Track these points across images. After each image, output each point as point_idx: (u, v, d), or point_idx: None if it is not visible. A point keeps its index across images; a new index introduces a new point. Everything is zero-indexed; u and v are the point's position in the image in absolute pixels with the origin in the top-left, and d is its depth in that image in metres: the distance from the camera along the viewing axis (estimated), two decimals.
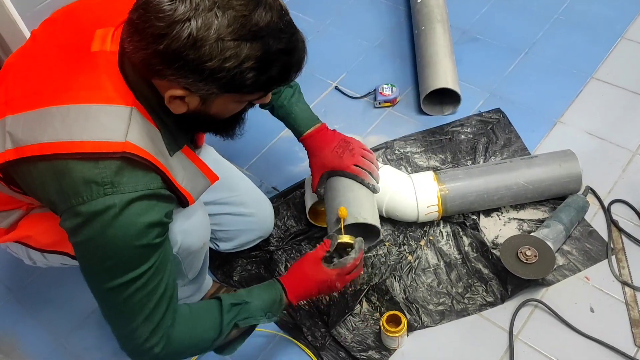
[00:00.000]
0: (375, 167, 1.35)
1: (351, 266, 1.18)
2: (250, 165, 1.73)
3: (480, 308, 1.36)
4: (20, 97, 0.91)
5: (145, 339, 0.94)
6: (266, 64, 0.84)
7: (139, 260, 0.89)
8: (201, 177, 1.02)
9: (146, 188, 0.87)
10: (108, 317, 0.96)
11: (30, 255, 1.17)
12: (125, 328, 0.94)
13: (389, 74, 1.90)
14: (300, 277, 1.15)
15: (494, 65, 1.88)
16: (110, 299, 0.92)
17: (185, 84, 0.84)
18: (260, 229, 1.44)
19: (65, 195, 0.85)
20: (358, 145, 1.34)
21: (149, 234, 0.88)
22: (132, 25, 0.83)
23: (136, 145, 0.86)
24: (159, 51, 0.80)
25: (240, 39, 0.81)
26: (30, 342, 1.42)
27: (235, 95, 0.89)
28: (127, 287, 0.90)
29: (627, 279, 1.37)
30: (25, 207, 1.09)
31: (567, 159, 1.47)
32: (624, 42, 1.89)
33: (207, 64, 0.80)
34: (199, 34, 0.79)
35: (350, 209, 1.28)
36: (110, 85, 0.87)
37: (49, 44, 0.95)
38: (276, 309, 1.12)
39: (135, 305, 0.92)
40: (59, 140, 0.84)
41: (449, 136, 1.69)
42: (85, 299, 1.48)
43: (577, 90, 1.77)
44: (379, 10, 2.13)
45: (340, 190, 1.32)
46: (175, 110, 0.90)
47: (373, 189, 1.34)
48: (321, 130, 1.34)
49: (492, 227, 1.49)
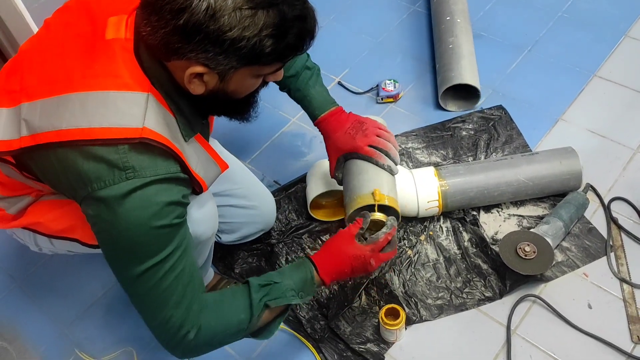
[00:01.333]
0: (392, 147, 1.31)
1: (384, 240, 1.15)
2: (252, 159, 1.74)
3: (478, 303, 1.37)
4: (36, 85, 0.92)
5: (179, 326, 0.95)
6: (283, 31, 0.86)
7: (162, 243, 0.91)
8: (213, 165, 1.04)
9: (167, 172, 0.89)
10: (140, 307, 0.97)
11: (37, 241, 1.18)
12: (158, 317, 0.95)
13: (392, 70, 1.90)
14: (333, 254, 1.12)
15: (497, 62, 1.88)
16: (140, 286, 0.93)
17: (205, 59, 0.85)
18: (262, 221, 1.45)
19: (86, 181, 0.86)
20: (372, 125, 1.31)
21: (170, 214, 0.90)
22: (149, 6, 0.85)
23: (153, 130, 0.88)
24: (178, 26, 0.82)
25: (257, 7, 0.82)
26: (33, 331, 1.44)
27: (253, 68, 0.90)
28: (155, 271, 0.91)
29: (626, 276, 1.37)
30: (35, 193, 1.10)
31: (567, 156, 1.47)
32: (628, 41, 1.89)
33: (227, 34, 0.82)
34: (217, 4, 0.81)
35: (363, 191, 1.25)
36: (126, 72, 0.89)
37: (63, 32, 0.96)
38: (309, 288, 1.09)
39: (164, 291, 0.93)
40: (78, 126, 0.86)
41: (451, 132, 1.70)
42: (88, 288, 1.50)
43: (580, 88, 1.78)
44: (382, 6, 2.14)
45: (355, 173, 1.29)
46: (194, 90, 0.91)
47: (390, 169, 1.30)
48: (336, 113, 1.33)
49: (492, 223, 1.50)
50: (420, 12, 2.10)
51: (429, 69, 1.90)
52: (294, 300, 1.05)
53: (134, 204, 0.86)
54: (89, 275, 1.51)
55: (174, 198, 0.91)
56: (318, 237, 1.52)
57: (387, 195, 1.27)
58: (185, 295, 0.95)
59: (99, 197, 0.86)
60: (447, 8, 1.91)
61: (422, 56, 1.95)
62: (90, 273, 1.52)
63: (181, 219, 0.94)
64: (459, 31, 1.83)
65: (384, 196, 1.26)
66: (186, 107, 0.96)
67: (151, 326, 0.97)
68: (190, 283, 0.95)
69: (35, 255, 1.46)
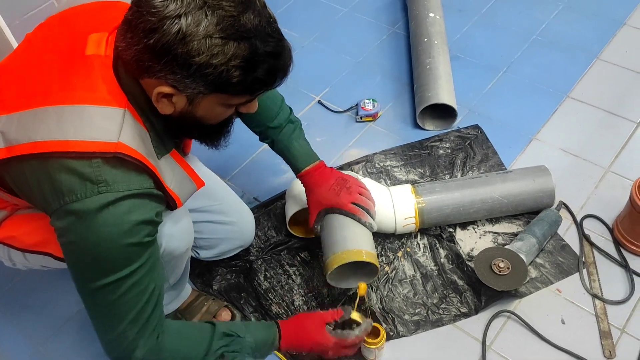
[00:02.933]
0: (372, 205, 1.36)
1: (351, 342, 1.21)
2: (232, 175, 1.75)
3: (454, 318, 1.38)
4: (14, 98, 0.93)
5: (131, 340, 0.96)
6: (252, 64, 0.87)
7: (130, 259, 0.91)
8: (188, 182, 1.04)
9: (139, 187, 0.90)
10: (95, 320, 0.97)
11: (11, 256, 1.18)
12: (113, 331, 0.95)
13: (371, 90, 1.94)
14: (299, 330, 1.18)
15: (474, 82, 1.93)
16: (99, 299, 0.93)
17: (173, 81, 0.86)
18: (241, 238, 1.46)
19: (58, 194, 0.87)
20: (355, 183, 1.36)
21: (140, 232, 0.90)
22: (126, 23, 0.87)
23: (128, 146, 0.88)
24: (149, 45, 0.83)
25: (228, 37, 0.84)
26: (7, 348, 1.42)
27: (221, 96, 0.91)
28: (117, 286, 0.91)
29: (598, 292, 1.40)
30: (10, 207, 1.10)
31: (540, 174, 1.51)
32: (600, 63, 1.95)
33: (194, 58, 0.83)
34: (188, 29, 0.82)
35: (347, 246, 1.30)
36: (104, 88, 0.89)
37: (44, 47, 0.97)
38: (266, 351, 1.15)
39: (123, 306, 0.93)
40: (52, 139, 0.86)
41: (428, 151, 1.73)
42: (63, 305, 1.49)
43: (553, 108, 1.82)
44: (363, 27, 2.18)
45: (337, 228, 1.33)
46: (162, 110, 0.92)
47: (370, 227, 1.35)
48: (319, 167, 1.35)
49: (468, 240, 1.52)
50: (399, 33, 2.14)
51: (407, 88, 1.94)
52: (247, 358, 1.10)
53: (105, 219, 0.87)
54: (64, 291, 1.50)
55: (147, 216, 0.91)
56: (297, 254, 1.53)
57: (370, 252, 1.31)
58: (144, 311, 0.95)
59: (69, 210, 0.86)
60: (425, 30, 1.95)
61: (400, 76, 1.98)
62: (65, 289, 1.50)
63: (152, 237, 0.94)
64: (437, 52, 1.87)
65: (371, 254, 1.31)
66: (159, 125, 0.97)
67: (103, 339, 0.98)
68: (151, 299, 0.96)
69: (10, 271, 1.45)
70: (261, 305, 1.44)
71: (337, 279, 1.35)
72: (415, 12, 2.04)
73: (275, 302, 1.44)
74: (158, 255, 0.98)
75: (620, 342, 1.32)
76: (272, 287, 1.47)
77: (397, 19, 2.19)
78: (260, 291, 1.46)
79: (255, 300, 1.45)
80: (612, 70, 1.92)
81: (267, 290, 1.47)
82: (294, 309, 1.43)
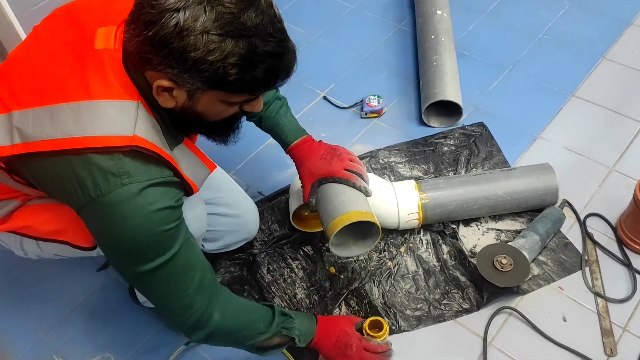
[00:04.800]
0: (364, 170, 1.36)
1: (374, 346, 1.25)
2: (237, 169, 1.76)
3: (456, 314, 1.39)
4: (26, 92, 0.94)
5: (205, 307, 1.01)
6: (250, 63, 0.87)
7: (169, 241, 0.95)
8: (201, 166, 1.06)
9: (160, 176, 0.92)
10: (158, 299, 1.02)
11: (23, 245, 1.19)
12: (181, 304, 0.99)
13: (376, 86, 1.94)
14: (331, 321, 1.26)
15: (479, 80, 1.93)
16: (157, 279, 0.97)
17: (172, 74, 0.87)
18: (245, 230, 1.47)
19: (83, 189, 0.89)
20: (345, 152, 1.36)
21: (169, 218, 0.93)
22: (131, 15, 0.88)
23: (143, 138, 0.90)
24: (148, 38, 0.84)
25: (226, 34, 0.84)
26: (11, 337, 1.43)
27: (220, 93, 0.91)
28: (168, 265, 0.95)
29: (600, 290, 1.40)
30: (22, 197, 1.11)
31: (544, 172, 1.51)
32: (605, 62, 1.94)
33: (190, 53, 0.84)
34: (185, 24, 0.83)
35: (347, 209, 1.27)
36: (116, 82, 0.91)
37: (51, 40, 0.98)
38: (305, 338, 1.19)
39: (183, 277, 0.98)
40: (71, 135, 0.88)
41: (432, 147, 1.74)
42: (69, 294, 1.50)
43: (558, 107, 1.82)
44: (369, 24, 2.18)
45: (333, 195, 1.32)
46: (163, 103, 0.93)
47: (365, 191, 1.34)
48: (307, 141, 1.37)
49: (471, 237, 1.52)
50: (405, 30, 2.14)
51: (412, 85, 1.94)
52: (296, 338, 1.17)
53: (134, 211, 0.89)
54: (71, 280, 1.51)
55: (170, 203, 0.94)
56: (300, 248, 1.54)
57: (371, 212, 1.31)
58: (205, 279, 1.00)
59: (97, 205, 0.89)
60: (432, 27, 1.95)
61: (406, 73, 1.99)
62: (72, 279, 1.52)
63: (179, 220, 0.97)
64: (443, 50, 1.87)
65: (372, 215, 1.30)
66: (167, 118, 0.98)
67: (172, 315, 1.02)
68: (207, 268, 1.01)
69: (17, 260, 1.46)
70: (264, 298, 1.45)
71: (339, 247, 1.33)
72: (422, 9, 2.04)
73: (277, 295, 1.45)
74: (190, 233, 1.01)
75: (621, 340, 1.32)
76: (274, 281, 1.48)
77: (404, 16, 2.19)
78: (263, 284, 1.47)
79: (258, 293, 1.46)
80: (618, 69, 1.92)
81: (270, 284, 1.47)
82: (296, 302, 1.44)
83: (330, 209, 1.30)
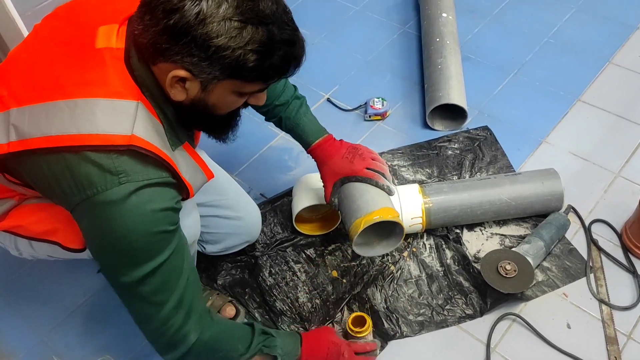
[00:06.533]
0: (386, 169, 1.35)
1: (361, 345, 1.27)
2: (240, 171, 1.75)
3: (459, 320, 1.38)
4: (24, 90, 0.93)
5: (180, 325, 0.97)
6: (269, 50, 0.87)
7: (160, 247, 0.92)
8: (200, 173, 1.05)
9: (158, 176, 0.91)
10: (136, 312, 0.97)
11: (17, 245, 1.18)
12: (156, 319, 0.95)
13: (380, 89, 1.93)
14: (316, 335, 1.25)
15: (484, 83, 1.92)
16: (138, 291, 0.93)
17: (189, 64, 0.86)
18: (247, 233, 1.46)
19: (79, 187, 0.87)
20: (366, 150, 1.35)
21: (165, 220, 0.92)
22: (145, 5, 0.87)
23: (142, 138, 0.88)
24: (168, 26, 0.84)
25: (247, 21, 0.84)
26: (11, 338, 1.43)
27: (235, 83, 0.91)
28: (153, 275, 0.92)
29: (605, 297, 1.39)
30: (18, 197, 1.10)
31: (549, 177, 1.50)
32: (611, 67, 1.93)
33: (213, 40, 0.84)
34: (208, 10, 0.83)
35: (370, 209, 1.26)
36: (117, 81, 0.90)
37: (52, 39, 0.97)
38: (290, 358, 1.18)
39: (163, 294, 0.94)
40: (67, 133, 0.86)
41: (437, 151, 1.73)
42: (69, 296, 1.49)
43: (564, 111, 1.81)
44: (373, 26, 2.18)
45: (356, 195, 1.31)
46: (175, 96, 0.92)
47: (388, 190, 1.33)
48: (329, 140, 1.36)
49: (475, 242, 1.51)
50: (410, 33, 2.13)
51: (417, 88, 1.93)
52: (279, 358, 1.14)
53: (130, 210, 0.87)
54: (71, 282, 1.50)
55: (169, 204, 0.92)
56: (302, 251, 1.53)
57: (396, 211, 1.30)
58: (186, 296, 0.97)
59: (92, 204, 0.87)
60: (437, 30, 1.94)
61: (410, 76, 1.98)
62: (72, 280, 1.51)
63: (176, 224, 0.95)
64: (448, 52, 1.86)
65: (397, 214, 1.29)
66: (172, 116, 0.97)
67: (147, 330, 0.98)
68: (190, 281, 0.97)
69: (17, 261, 1.46)
70: (265, 301, 1.44)
71: (362, 246, 1.32)
72: (427, 12, 2.03)
73: (279, 298, 1.44)
74: (185, 241, 0.99)
75: (626, 348, 1.31)
76: (276, 284, 1.47)
77: (409, 19, 2.18)
78: (265, 287, 1.46)
79: (260, 296, 1.45)
80: (624, 74, 1.91)
81: (272, 287, 1.46)
82: (298, 305, 1.43)
83: (354, 208, 1.29)
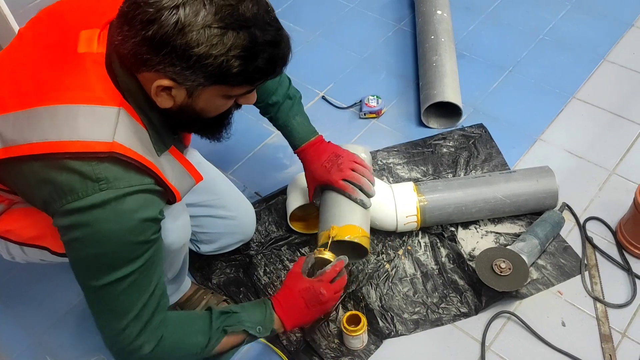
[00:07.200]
0: (366, 181, 1.34)
1: (331, 272, 1.19)
2: (234, 170, 1.74)
3: (454, 318, 1.37)
4: (8, 97, 0.92)
5: (134, 337, 0.95)
6: (252, 54, 0.86)
7: (134, 256, 0.90)
8: (187, 176, 1.04)
9: (140, 184, 0.89)
10: (97, 316, 0.96)
11: (9, 249, 1.17)
12: (115, 327, 0.94)
13: (375, 86, 1.92)
14: (285, 292, 1.17)
15: (479, 81, 1.91)
16: (103, 296, 0.92)
17: (172, 73, 0.85)
18: (241, 232, 1.45)
19: (60, 194, 0.86)
20: (348, 159, 1.34)
21: (146, 230, 0.90)
22: (123, 16, 0.85)
23: (123, 145, 0.87)
24: (147, 37, 0.82)
25: (227, 27, 0.83)
26: (4, 339, 1.42)
27: (221, 88, 0.90)
28: (120, 283, 0.91)
29: (599, 295, 1.39)
30: (7, 202, 1.09)
31: (544, 175, 1.50)
32: (606, 64, 1.93)
33: (194, 49, 0.82)
34: (186, 20, 0.81)
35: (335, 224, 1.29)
36: (98, 86, 0.88)
37: (35, 44, 0.96)
38: (267, 324, 1.13)
39: (126, 302, 0.93)
40: (47, 140, 0.85)
41: (431, 149, 1.72)
42: (63, 297, 1.48)
43: (559, 109, 1.81)
44: (368, 24, 2.17)
45: (329, 205, 1.33)
46: (161, 104, 0.91)
47: (362, 204, 1.33)
48: (315, 143, 1.35)
49: (470, 240, 1.51)
50: (405, 30, 2.13)
51: (412, 86, 1.93)
52: (250, 330, 1.10)
53: (107, 216, 0.86)
54: (65, 283, 1.50)
55: (151, 214, 0.90)
56: (297, 249, 1.53)
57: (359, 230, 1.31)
58: (147, 308, 0.95)
59: (72, 209, 0.85)
60: (432, 27, 1.94)
61: (405, 73, 1.97)
62: (66, 281, 1.50)
63: (156, 235, 0.94)
64: (443, 50, 1.86)
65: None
66: (157, 121, 0.95)
67: (105, 334, 0.97)
68: (154, 295, 0.96)
69: (9, 263, 1.43)
70: None
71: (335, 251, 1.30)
72: (422, 9, 2.03)
73: None
74: (161, 252, 0.98)
75: (620, 346, 1.31)
76: (271, 282, 1.47)
77: (403, 16, 2.18)
78: (260, 286, 1.46)
79: (254, 295, 1.45)
80: (619, 71, 1.91)
81: (267, 286, 1.46)
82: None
83: (323, 220, 1.32)
